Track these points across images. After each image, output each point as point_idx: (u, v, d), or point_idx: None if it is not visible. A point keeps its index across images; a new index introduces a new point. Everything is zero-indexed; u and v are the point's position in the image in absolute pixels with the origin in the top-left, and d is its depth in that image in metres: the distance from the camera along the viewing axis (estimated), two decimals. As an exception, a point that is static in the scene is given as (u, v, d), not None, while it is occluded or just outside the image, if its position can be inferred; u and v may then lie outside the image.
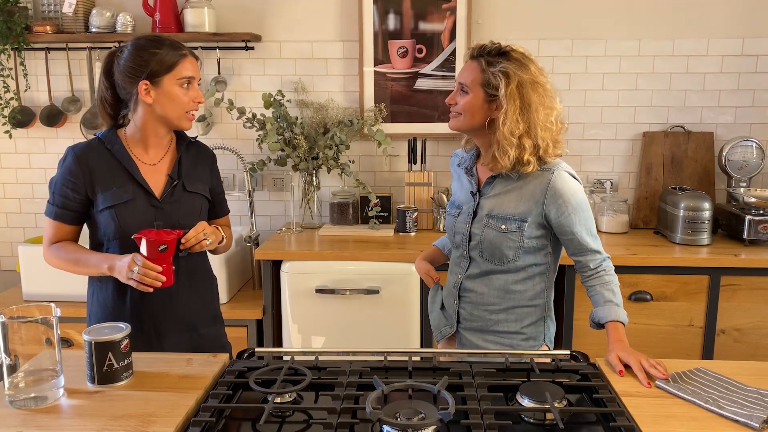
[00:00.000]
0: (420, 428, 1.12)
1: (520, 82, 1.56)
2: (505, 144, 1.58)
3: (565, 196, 1.60)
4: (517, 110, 1.56)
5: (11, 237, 3.25)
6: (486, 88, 1.59)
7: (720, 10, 2.89)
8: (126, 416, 1.24)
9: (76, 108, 3.07)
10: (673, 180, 2.97)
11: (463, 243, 1.71)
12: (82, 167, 1.67)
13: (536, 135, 1.58)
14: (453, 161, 1.86)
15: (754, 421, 1.20)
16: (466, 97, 1.62)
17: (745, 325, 2.52)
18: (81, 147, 1.71)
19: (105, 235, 1.68)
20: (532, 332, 1.72)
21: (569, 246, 1.66)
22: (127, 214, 1.65)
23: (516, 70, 1.56)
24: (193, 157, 1.81)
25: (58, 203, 1.69)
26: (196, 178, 1.78)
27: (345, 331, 2.58)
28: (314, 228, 3.00)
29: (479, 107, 1.61)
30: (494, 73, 1.57)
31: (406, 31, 2.96)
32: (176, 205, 1.71)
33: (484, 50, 1.61)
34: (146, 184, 1.69)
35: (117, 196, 1.65)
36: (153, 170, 1.72)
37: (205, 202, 1.80)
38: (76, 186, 1.67)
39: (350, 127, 2.92)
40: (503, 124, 1.57)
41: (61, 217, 1.69)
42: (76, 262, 1.66)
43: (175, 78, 1.65)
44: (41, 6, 3.01)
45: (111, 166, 1.68)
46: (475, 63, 1.61)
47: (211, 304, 1.85)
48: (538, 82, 1.58)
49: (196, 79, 1.71)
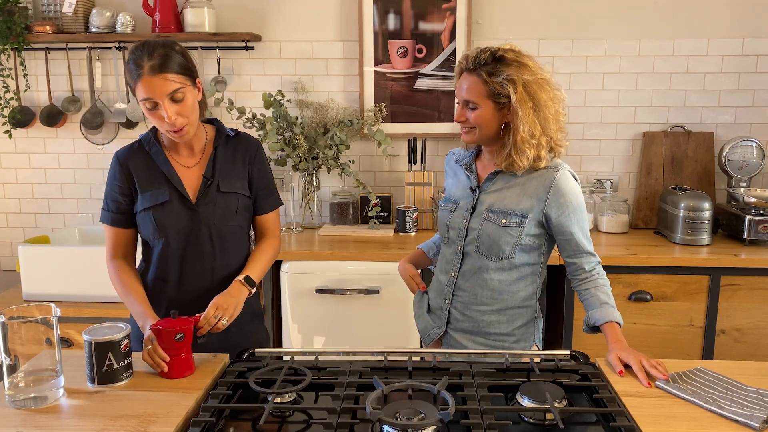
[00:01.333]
0: (420, 428, 1.12)
1: (525, 83, 1.56)
2: (524, 146, 1.58)
3: (567, 195, 1.61)
4: (531, 111, 1.56)
5: (11, 237, 3.25)
6: (494, 98, 1.58)
7: (720, 10, 2.89)
8: (126, 416, 1.24)
9: (76, 108, 3.07)
10: (673, 180, 2.97)
11: (458, 238, 1.70)
12: (123, 170, 1.68)
13: (549, 129, 1.60)
14: (449, 158, 1.86)
15: (754, 421, 1.20)
16: (476, 112, 1.61)
17: (745, 325, 2.52)
18: (123, 150, 1.72)
19: (146, 235, 1.70)
20: (523, 334, 1.72)
21: (566, 247, 1.66)
22: (163, 215, 1.65)
23: (518, 73, 1.56)
24: (231, 152, 1.73)
25: (111, 208, 1.70)
26: (233, 176, 1.71)
27: (345, 331, 2.58)
28: (314, 228, 3.00)
29: (491, 117, 1.61)
30: (499, 82, 1.56)
31: (406, 31, 2.96)
32: (210, 206, 1.67)
33: (479, 61, 1.58)
34: (181, 186, 1.66)
35: (154, 197, 1.65)
36: (190, 171, 1.70)
37: (242, 200, 1.72)
38: (122, 189, 1.68)
39: (350, 127, 2.92)
40: (521, 128, 1.56)
41: (117, 222, 1.69)
42: (124, 296, 1.66)
43: (138, 98, 1.56)
44: (41, 6, 3.00)
45: (149, 168, 1.68)
46: (474, 77, 1.59)
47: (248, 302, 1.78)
48: (541, 77, 1.59)
49: (162, 101, 1.53)
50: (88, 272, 2.54)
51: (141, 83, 1.53)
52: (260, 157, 1.77)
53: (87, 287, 2.57)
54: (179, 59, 1.57)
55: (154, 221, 1.65)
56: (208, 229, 1.67)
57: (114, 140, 3.09)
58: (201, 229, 1.67)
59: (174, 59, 1.55)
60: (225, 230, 1.69)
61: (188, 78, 1.59)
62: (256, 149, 1.76)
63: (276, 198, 1.81)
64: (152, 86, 1.52)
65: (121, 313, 2.44)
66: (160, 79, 1.52)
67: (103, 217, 1.71)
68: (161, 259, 1.69)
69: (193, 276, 1.68)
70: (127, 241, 1.72)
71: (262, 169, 1.77)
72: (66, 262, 2.57)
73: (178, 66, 1.56)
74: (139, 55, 1.54)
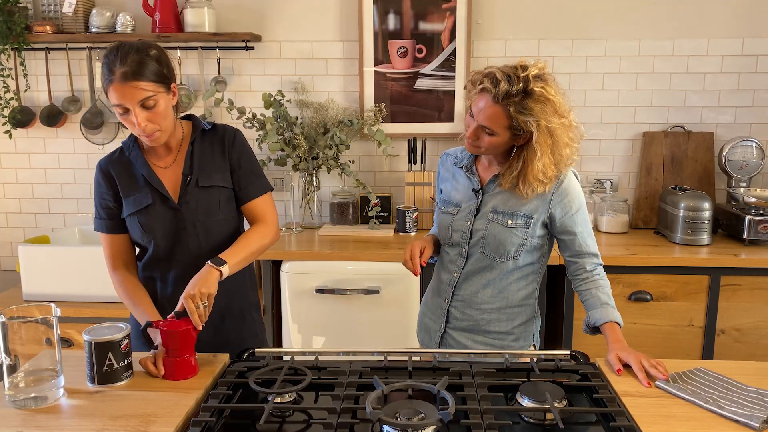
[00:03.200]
0: (420, 428, 1.12)
1: (547, 124, 1.51)
2: (534, 183, 1.57)
3: (571, 195, 1.62)
4: (548, 150, 1.54)
5: (11, 237, 3.25)
6: (514, 130, 1.55)
7: (720, 10, 2.89)
8: (126, 416, 1.24)
9: (76, 108, 3.07)
10: (673, 180, 2.97)
11: (462, 240, 1.70)
12: (106, 177, 1.69)
13: (562, 161, 1.57)
14: (445, 161, 1.83)
15: (754, 421, 1.20)
16: (492, 138, 1.57)
17: (745, 325, 2.52)
18: (104, 159, 1.72)
19: (135, 239, 1.70)
20: (522, 332, 1.72)
21: (569, 247, 1.66)
22: (148, 218, 1.65)
23: (543, 113, 1.50)
24: (208, 145, 1.69)
25: (102, 216, 1.70)
26: (212, 169, 1.67)
27: (345, 331, 2.58)
28: (314, 228, 3.00)
29: (505, 144, 1.59)
30: (525, 122, 1.51)
31: (406, 31, 2.96)
32: (193, 203, 1.65)
33: (509, 94, 1.49)
34: (162, 188, 1.66)
35: (137, 202, 1.65)
36: (168, 171, 1.69)
37: (224, 192, 1.69)
38: (109, 195, 1.68)
39: (350, 127, 2.92)
40: (535, 165, 1.54)
41: (111, 228, 1.70)
42: (133, 308, 1.66)
43: (110, 102, 1.54)
44: (41, 6, 3.00)
45: (130, 173, 1.68)
46: (499, 108, 1.51)
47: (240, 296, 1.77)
48: (561, 114, 1.53)
49: (133, 108, 1.51)
50: (88, 272, 2.54)
51: (112, 89, 1.50)
52: (239, 143, 1.71)
53: (87, 287, 2.57)
54: (153, 66, 1.53)
55: (140, 225, 1.65)
56: (194, 226, 1.66)
57: (114, 140, 3.09)
58: (186, 228, 1.66)
59: (147, 66, 1.52)
60: (210, 225, 1.68)
61: (161, 85, 1.55)
62: (233, 136, 1.71)
63: (262, 183, 1.73)
64: (123, 93, 1.50)
65: (121, 313, 2.44)
66: (131, 87, 1.49)
67: (96, 226, 1.71)
68: (152, 260, 1.69)
69: (184, 274, 1.65)
70: (125, 247, 1.72)
71: (243, 154, 1.71)
72: (66, 262, 2.57)
73: (151, 73, 1.52)
74: (113, 59, 1.51)
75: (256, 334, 1.83)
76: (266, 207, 1.73)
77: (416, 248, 1.68)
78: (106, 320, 1.50)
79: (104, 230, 1.70)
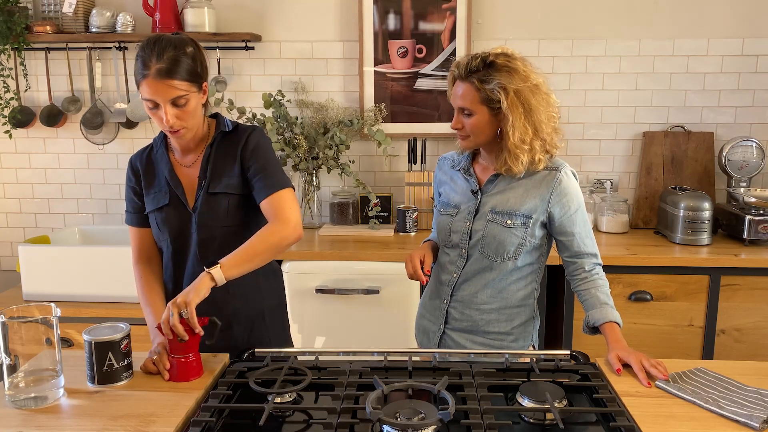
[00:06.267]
0: (420, 428, 1.12)
1: (516, 90, 1.56)
2: (517, 152, 1.59)
3: (570, 195, 1.62)
4: (521, 117, 1.57)
5: (11, 237, 3.25)
6: (488, 104, 1.59)
7: (720, 10, 2.89)
8: (126, 416, 1.24)
9: (76, 108, 3.07)
10: (673, 180, 2.97)
11: (462, 242, 1.70)
12: (134, 172, 1.71)
13: (542, 131, 1.60)
14: (442, 165, 1.84)
15: (754, 421, 1.20)
16: (472, 119, 1.61)
17: (745, 325, 2.52)
18: (135, 154, 1.74)
19: (155, 237, 1.71)
20: (521, 333, 1.72)
21: (568, 247, 1.66)
22: (166, 218, 1.65)
23: (509, 79, 1.56)
24: (223, 149, 1.65)
25: (130, 209, 1.72)
26: (223, 174, 1.63)
27: (345, 331, 2.58)
28: (314, 228, 3.00)
29: (487, 123, 1.61)
30: (491, 89, 1.56)
31: (406, 31, 2.96)
32: (204, 209, 1.63)
33: (471, 69, 1.58)
34: (180, 190, 1.64)
35: (156, 200, 1.66)
36: (189, 171, 1.67)
37: (233, 199, 1.63)
38: (136, 190, 1.70)
39: (350, 127, 2.92)
40: (512, 133, 1.57)
41: (136, 222, 1.71)
42: (143, 307, 1.66)
43: (141, 95, 1.53)
44: (41, 6, 3.00)
45: (154, 171, 1.69)
46: (467, 84, 1.59)
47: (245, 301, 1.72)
48: (532, 82, 1.58)
49: (164, 105, 1.50)
50: (88, 272, 2.54)
51: (145, 83, 1.49)
52: (253, 142, 1.63)
53: (87, 287, 2.56)
54: (188, 64, 1.52)
55: (157, 224, 1.66)
56: (202, 232, 1.64)
57: (114, 140, 3.09)
58: (195, 233, 1.65)
59: (182, 65, 1.50)
60: (217, 233, 1.64)
61: (194, 84, 1.54)
62: (248, 135, 1.64)
63: (272, 181, 1.60)
64: (156, 89, 1.49)
65: (121, 313, 2.45)
66: (165, 84, 1.48)
67: (125, 219, 1.74)
68: (167, 261, 1.70)
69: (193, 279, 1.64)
70: (150, 242, 1.72)
71: (254, 155, 1.62)
72: (66, 262, 2.56)
73: (185, 72, 1.51)
74: (149, 53, 1.49)
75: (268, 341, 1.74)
76: (277, 204, 1.59)
77: (416, 259, 1.70)
78: (106, 320, 1.50)
79: (131, 223, 1.72)
